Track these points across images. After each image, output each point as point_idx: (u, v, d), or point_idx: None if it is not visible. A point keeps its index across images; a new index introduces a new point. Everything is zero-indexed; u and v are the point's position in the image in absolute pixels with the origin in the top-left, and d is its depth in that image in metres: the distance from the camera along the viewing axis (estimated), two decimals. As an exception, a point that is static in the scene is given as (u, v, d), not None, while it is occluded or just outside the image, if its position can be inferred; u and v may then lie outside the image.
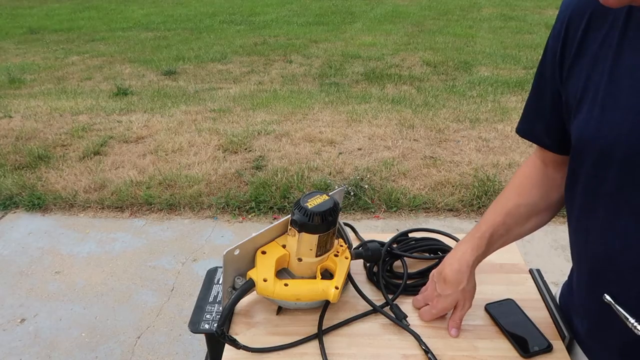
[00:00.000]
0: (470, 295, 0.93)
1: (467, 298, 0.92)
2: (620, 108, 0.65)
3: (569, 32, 0.74)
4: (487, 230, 0.91)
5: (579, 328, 0.87)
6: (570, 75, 0.74)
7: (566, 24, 0.74)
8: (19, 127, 4.29)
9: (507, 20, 8.41)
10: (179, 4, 11.58)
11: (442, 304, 0.93)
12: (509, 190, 0.95)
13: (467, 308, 0.93)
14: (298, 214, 0.89)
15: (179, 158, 3.65)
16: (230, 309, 0.90)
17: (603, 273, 0.74)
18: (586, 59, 0.70)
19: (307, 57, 6.56)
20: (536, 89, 0.85)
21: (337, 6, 10.39)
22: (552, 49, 0.78)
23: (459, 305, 0.92)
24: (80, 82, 5.84)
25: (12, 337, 2.22)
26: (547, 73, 0.80)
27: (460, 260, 0.91)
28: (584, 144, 0.71)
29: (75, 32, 8.87)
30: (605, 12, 0.68)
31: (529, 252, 2.63)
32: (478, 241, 0.92)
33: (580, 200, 0.76)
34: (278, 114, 4.43)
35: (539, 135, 0.88)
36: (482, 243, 0.91)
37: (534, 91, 0.86)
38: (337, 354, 0.89)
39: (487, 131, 3.96)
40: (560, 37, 0.75)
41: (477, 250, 0.91)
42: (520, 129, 0.91)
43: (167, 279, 2.55)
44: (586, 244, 0.77)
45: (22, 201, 3.23)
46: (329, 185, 3.21)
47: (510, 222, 0.91)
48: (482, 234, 0.92)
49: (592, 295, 0.77)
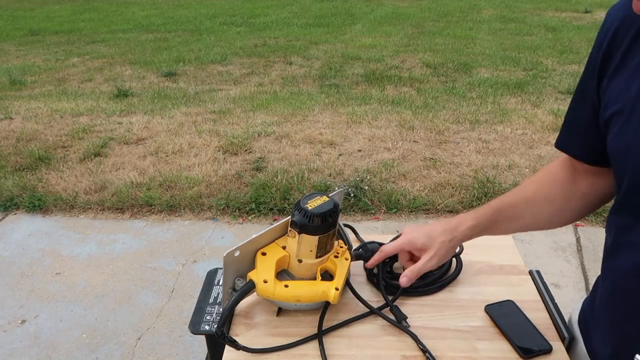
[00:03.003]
0: (443, 253, 0.88)
1: (438, 254, 0.88)
2: None
3: (614, 42, 0.70)
4: (496, 205, 0.88)
5: (598, 346, 0.82)
6: (609, 86, 0.70)
7: (612, 33, 0.71)
8: (19, 128, 4.29)
9: (506, 22, 8.41)
10: (179, 5, 11.59)
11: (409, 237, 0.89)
12: (529, 180, 0.92)
13: (430, 264, 0.88)
14: (298, 215, 0.89)
15: (179, 159, 3.66)
16: (230, 310, 0.90)
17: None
18: (630, 70, 0.67)
19: (307, 58, 6.56)
20: (575, 101, 0.82)
21: (337, 8, 10.40)
22: (593, 59, 0.74)
23: (426, 254, 0.88)
24: (80, 84, 5.85)
25: (12, 338, 2.22)
26: (587, 85, 0.77)
27: (459, 219, 0.89)
28: (621, 156, 0.69)
29: (75, 33, 8.88)
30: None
31: (529, 254, 2.63)
32: (483, 211, 0.88)
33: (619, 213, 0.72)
34: (278, 115, 4.43)
35: (574, 147, 0.84)
36: (486, 213, 0.88)
37: (572, 103, 0.83)
38: (337, 355, 0.89)
39: (487, 133, 3.96)
40: (603, 47, 0.72)
41: (479, 219, 0.88)
42: (558, 141, 0.87)
43: (167, 280, 2.56)
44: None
45: (23, 202, 3.23)
46: (329, 186, 3.21)
47: (523, 208, 0.88)
48: (490, 206, 0.88)
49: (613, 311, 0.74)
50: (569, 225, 2.80)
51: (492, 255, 1.13)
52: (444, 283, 1.06)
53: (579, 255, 2.63)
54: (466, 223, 0.89)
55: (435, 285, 1.05)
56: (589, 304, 0.88)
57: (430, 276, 1.07)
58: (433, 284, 1.05)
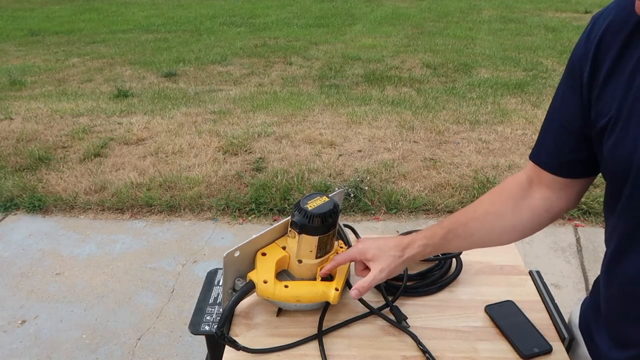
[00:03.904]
0: (393, 267, 0.88)
1: (388, 267, 0.88)
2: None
3: (599, 51, 0.70)
4: (447, 226, 0.90)
5: (605, 350, 0.81)
6: (602, 94, 0.70)
7: (597, 42, 0.70)
8: (19, 129, 4.29)
9: (506, 22, 8.42)
10: (179, 6, 11.59)
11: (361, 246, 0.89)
12: (484, 198, 0.93)
13: (380, 276, 0.88)
14: (298, 215, 0.89)
15: (179, 160, 3.66)
16: (230, 310, 0.90)
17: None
18: (623, 76, 0.67)
19: (307, 59, 6.56)
20: (552, 111, 0.82)
21: (337, 8, 10.40)
22: (577, 69, 0.73)
23: (376, 265, 0.88)
24: (80, 84, 5.85)
25: (12, 339, 2.22)
26: (567, 95, 0.77)
27: (410, 238, 0.90)
28: (620, 164, 0.68)
29: (75, 34, 8.88)
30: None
31: (529, 254, 2.63)
32: (434, 231, 0.90)
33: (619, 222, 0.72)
34: (278, 115, 4.43)
35: (545, 157, 0.84)
36: (437, 234, 0.89)
37: (549, 114, 0.83)
38: (336, 355, 0.89)
39: (487, 133, 3.96)
40: (589, 57, 0.71)
41: (430, 239, 0.89)
42: (534, 154, 0.87)
43: (167, 281, 2.56)
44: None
45: (23, 203, 3.23)
46: (329, 187, 3.21)
47: (474, 226, 0.89)
48: (441, 226, 0.90)
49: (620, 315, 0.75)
50: (550, 229, 2.81)
51: (492, 255, 1.13)
52: (444, 283, 1.06)
53: (579, 256, 2.64)
54: (418, 242, 0.90)
55: (435, 286, 1.05)
56: (589, 306, 0.88)
57: (430, 276, 1.08)
58: (433, 285, 1.05)
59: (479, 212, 0.90)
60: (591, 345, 0.84)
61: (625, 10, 0.68)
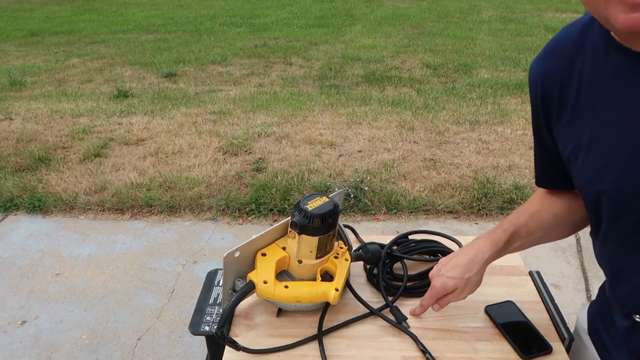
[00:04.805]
0: (471, 287, 0.90)
1: (467, 289, 0.89)
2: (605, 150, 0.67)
3: (545, 95, 0.77)
4: (509, 228, 0.90)
5: (616, 353, 0.82)
6: (558, 130, 0.77)
7: (540, 87, 0.77)
8: (19, 129, 4.29)
9: (506, 22, 8.42)
10: (179, 6, 11.60)
11: (441, 282, 0.89)
12: (535, 197, 0.94)
13: (461, 297, 0.90)
14: (298, 216, 0.89)
15: (179, 160, 3.66)
16: (230, 310, 0.90)
17: None
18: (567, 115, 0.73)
19: (307, 59, 6.57)
20: (536, 143, 0.88)
21: (337, 8, 10.40)
22: (535, 109, 0.81)
23: (457, 291, 0.89)
24: (80, 85, 5.85)
25: (12, 339, 2.22)
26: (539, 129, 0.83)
27: (476, 250, 0.89)
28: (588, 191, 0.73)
29: (75, 34, 8.88)
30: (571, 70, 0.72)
31: (529, 254, 2.63)
32: (498, 237, 0.89)
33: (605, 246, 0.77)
34: (278, 116, 4.43)
35: (554, 182, 0.89)
36: (501, 239, 0.89)
37: (535, 145, 0.88)
38: (336, 356, 0.89)
39: (487, 133, 3.96)
40: (539, 102, 0.79)
41: (495, 246, 0.89)
42: (537, 181, 0.93)
43: (167, 281, 2.56)
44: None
45: (23, 203, 3.23)
46: (329, 187, 3.21)
47: (532, 225, 0.90)
48: (503, 230, 0.90)
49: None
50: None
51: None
52: (444, 284, 1.06)
53: (579, 256, 2.63)
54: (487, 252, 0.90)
55: (435, 286, 1.05)
56: (597, 312, 0.88)
57: (430, 277, 1.07)
58: (433, 285, 1.05)
59: (533, 210, 0.91)
60: (604, 353, 0.84)
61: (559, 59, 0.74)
